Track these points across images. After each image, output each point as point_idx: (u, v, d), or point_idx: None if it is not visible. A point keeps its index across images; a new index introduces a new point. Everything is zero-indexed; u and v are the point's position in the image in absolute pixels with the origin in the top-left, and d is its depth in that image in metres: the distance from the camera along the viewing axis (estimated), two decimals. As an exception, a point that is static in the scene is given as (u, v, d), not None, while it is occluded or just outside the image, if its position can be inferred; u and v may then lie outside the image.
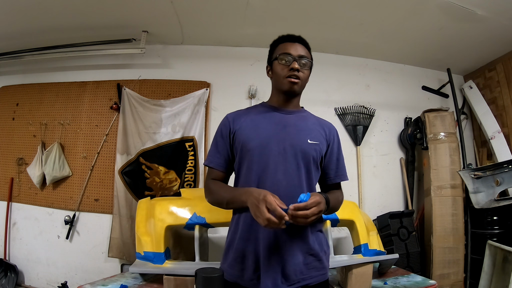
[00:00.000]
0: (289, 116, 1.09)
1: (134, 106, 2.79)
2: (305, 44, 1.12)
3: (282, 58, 1.06)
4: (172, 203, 1.94)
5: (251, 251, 0.98)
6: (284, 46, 1.09)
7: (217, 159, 1.08)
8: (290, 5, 2.34)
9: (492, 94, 3.00)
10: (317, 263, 1.02)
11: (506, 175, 2.32)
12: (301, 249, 0.99)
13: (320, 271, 1.04)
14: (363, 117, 3.03)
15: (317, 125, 1.12)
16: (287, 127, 1.05)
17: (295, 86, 1.05)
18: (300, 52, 1.07)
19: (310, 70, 1.11)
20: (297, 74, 1.04)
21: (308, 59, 1.07)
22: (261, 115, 1.09)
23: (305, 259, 0.99)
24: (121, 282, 1.74)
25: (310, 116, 1.16)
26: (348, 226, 2.17)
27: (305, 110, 1.19)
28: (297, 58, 1.05)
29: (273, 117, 1.08)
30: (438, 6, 2.25)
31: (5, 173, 3.00)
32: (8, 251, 2.87)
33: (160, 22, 2.62)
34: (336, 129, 1.17)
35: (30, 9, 2.37)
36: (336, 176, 1.11)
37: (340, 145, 1.15)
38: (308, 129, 1.08)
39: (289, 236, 0.98)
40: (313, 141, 1.05)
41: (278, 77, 1.07)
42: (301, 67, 1.05)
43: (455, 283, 2.53)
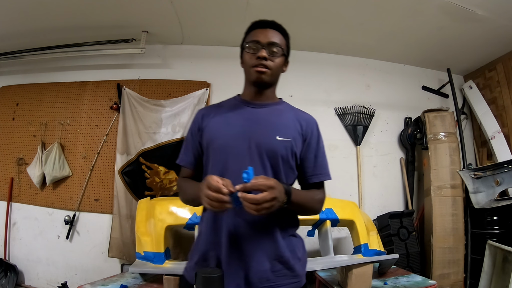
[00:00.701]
0: (261, 110, 1.00)
1: (134, 106, 2.79)
2: (280, 29, 1.00)
3: (250, 47, 0.96)
4: (172, 203, 1.94)
5: (213, 255, 0.91)
6: (254, 33, 0.98)
7: (187, 157, 1.03)
8: (290, 5, 2.34)
9: (492, 94, 3.00)
10: (287, 270, 0.93)
11: (506, 175, 2.32)
12: (269, 256, 0.90)
13: (292, 278, 0.93)
14: (363, 117, 3.03)
15: (293, 119, 1.01)
16: (257, 123, 0.96)
17: (263, 76, 0.95)
18: (270, 38, 0.95)
19: (286, 58, 1.02)
20: (264, 62, 0.93)
21: (279, 46, 0.96)
22: (231, 110, 1.00)
23: (273, 266, 0.90)
24: (121, 282, 1.74)
25: (287, 109, 1.05)
26: (348, 226, 2.17)
27: (283, 101, 1.08)
28: (266, 45, 0.94)
29: (244, 112, 0.99)
30: (438, 6, 2.25)
31: (5, 173, 3.00)
32: (8, 251, 2.87)
33: (160, 22, 2.62)
34: (317, 123, 1.05)
35: (30, 9, 2.37)
36: (313, 175, 1.00)
37: (321, 141, 1.04)
38: (280, 124, 0.98)
39: (256, 241, 0.90)
40: (284, 137, 0.94)
41: (246, 67, 0.98)
42: (270, 54, 0.94)
43: (455, 283, 2.53)
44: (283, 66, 1.02)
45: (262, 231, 0.91)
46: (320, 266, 1.85)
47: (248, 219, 0.89)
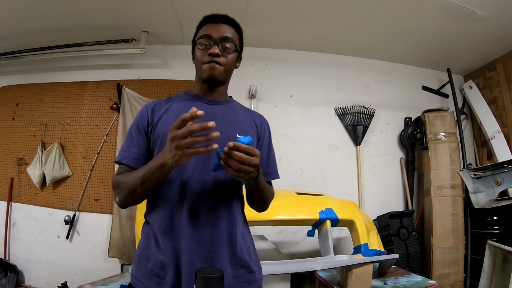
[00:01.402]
0: (217, 107, 0.95)
1: (134, 106, 2.79)
2: (233, 24, 0.97)
3: (201, 43, 0.91)
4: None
5: (171, 263, 0.83)
6: (206, 28, 0.94)
7: (131, 154, 0.90)
8: (290, 5, 2.34)
9: (492, 94, 3.00)
10: (248, 275, 0.90)
11: (506, 175, 2.32)
12: (230, 261, 0.87)
13: (253, 284, 0.90)
14: (363, 117, 3.03)
15: (248, 117, 1.00)
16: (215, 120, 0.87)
17: (215, 72, 0.90)
18: (223, 33, 0.92)
19: (239, 54, 0.98)
20: (216, 59, 0.89)
21: (232, 42, 0.93)
22: (184, 104, 0.93)
23: (234, 272, 0.87)
24: (121, 282, 1.74)
25: (240, 107, 1.03)
26: (348, 226, 2.16)
27: (233, 100, 1.05)
28: (218, 41, 0.90)
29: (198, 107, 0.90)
30: (438, 6, 2.25)
31: (5, 173, 3.00)
32: (8, 251, 2.87)
33: (160, 22, 2.62)
34: (268, 123, 1.04)
35: (30, 9, 2.37)
36: (265, 174, 0.96)
37: (271, 140, 1.02)
38: (239, 122, 0.95)
39: (220, 244, 0.85)
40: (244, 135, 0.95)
41: (197, 63, 0.94)
42: (223, 51, 0.91)
43: (455, 283, 2.53)
44: (236, 62, 0.98)
45: (224, 233, 0.86)
46: (320, 266, 1.85)
47: (208, 221, 0.84)
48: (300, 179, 2.89)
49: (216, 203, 0.86)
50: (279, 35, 2.80)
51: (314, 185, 2.88)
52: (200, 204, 0.84)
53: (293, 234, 2.76)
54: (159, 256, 0.84)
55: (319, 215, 1.98)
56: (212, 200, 0.86)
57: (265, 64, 3.00)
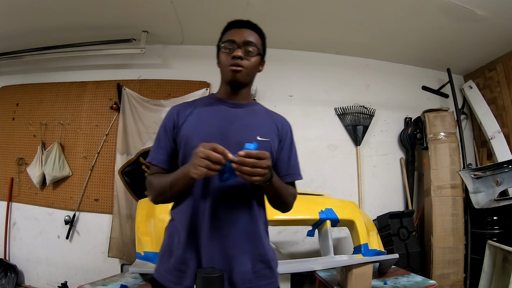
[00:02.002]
0: (238, 110, 0.99)
1: (134, 106, 2.79)
2: (255, 29, 1.00)
3: (225, 46, 0.96)
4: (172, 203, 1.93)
5: (192, 258, 0.88)
6: (229, 33, 0.98)
7: (160, 155, 0.97)
8: (290, 5, 2.34)
9: (492, 94, 3.00)
10: (267, 270, 0.95)
11: (506, 175, 2.32)
12: (251, 256, 0.92)
13: (270, 279, 0.95)
14: (363, 117, 3.03)
15: (269, 120, 1.03)
16: (235, 122, 0.95)
17: (237, 75, 0.94)
18: (246, 37, 0.95)
19: (262, 57, 1.02)
20: (240, 62, 0.93)
21: (255, 46, 0.96)
22: (207, 108, 0.99)
23: (254, 267, 0.92)
24: (121, 282, 1.74)
25: (262, 110, 1.06)
26: (348, 226, 2.17)
27: (256, 103, 1.08)
28: (241, 45, 0.94)
29: (220, 110, 0.98)
30: (438, 6, 2.25)
31: (5, 173, 3.00)
32: (8, 251, 2.87)
33: (160, 22, 2.62)
34: (290, 125, 1.07)
35: (30, 9, 2.37)
36: (287, 175, 1.01)
37: (293, 142, 1.06)
38: (258, 125, 0.98)
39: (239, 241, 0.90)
40: (264, 138, 0.94)
41: (222, 66, 0.98)
42: (246, 54, 0.94)
43: (455, 283, 2.53)
44: (259, 65, 1.02)
45: (244, 230, 0.91)
46: (320, 266, 1.85)
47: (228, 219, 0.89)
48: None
49: (237, 203, 0.90)
50: (279, 35, 2.80)
51: (314, 185, 2.88)
52: (221, 204, 0.89)
53: (293, 234, 2.76)
54: (181, 252, 0.90)
55: (319, 215, 1.98)
56: (233, 200, 0.90)
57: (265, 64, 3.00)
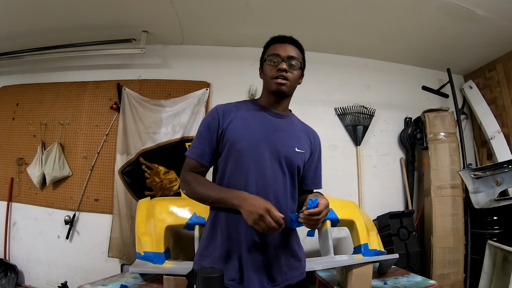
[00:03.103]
0: (280, 120, 1.09)
1: (134, 106, 2.79)
2: (297, 44, 1.11)
3: (271, 59, 1.06)
4: (172, 203, 1.94)
5: (235, 251, 0.98)
6: (274, 47, 1.08)
7: (200, 150, 1.03)
8: (290, 5, 2.34)
9: (492, 94, 3.00)
10: (297, 263, 1.06)
11: (506, 175, 2.32)
12: (284, 251, 1.03)
13: (300, 270, 1.07)
14: (363, 117, 3.02)
15: (304, 132, 1.13)
16: (278, 132, 1.05)
17: (282, 87, 1.04)
18: (289, 52, 1.06)
19: (302, 71, 1.12)
20: (284, 74, 1.03)
21: (298, 60, 1.07)
22: (252, 114, 1.07)
23: (287, 260, 1.03)
24: (121, 282, 1.74)
25: (298, 122, 1.17)
26: (348, 226, 2.17)
27: (293, 114, 1.19)
28: (285, 59, 1.04)
29: (264, 118, 1.08)
30: (438, 6, 2.25)
31: (5, 173, 3.00)
32: (8, 251, 2.87)
33: (160, 22, 2.62)
34: (319, 138, 1.18)
35: (30, 9, 2.37)
36: (312, 183, 1.12)
37: (321, 154, 1.17)
38: (297, 137, 1.09)
39: (275, 238, 1.00)
40: (300, 149, 1.06)
41: (266, 77, 1.08)
42: (289, 67, 1.04)
43: (455, 283, 2.53)
44: (300, 78, 1.12)
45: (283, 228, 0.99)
46: (320, 266, 1.85)
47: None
48: (300, 179, 2.89)
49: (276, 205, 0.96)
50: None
51: (314, 185, 2.88)
52: None
53: (293, 234, 2.76)
54: (225, 245, 0.98)
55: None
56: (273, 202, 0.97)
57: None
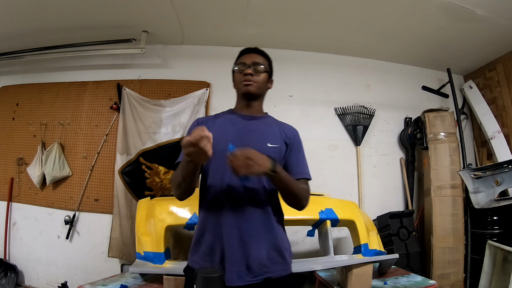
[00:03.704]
0: (253, 122, 1.18)
1: (134, 106, 2.79)
2: (262, 53, 1.22)
3: (238, 68, 1.18)
4: (172, 203, 1.93)
5: (218, 245, 1.06)
6: (241, 58, 1.21)
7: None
8: (290, 5, 2.34)
9: (492, 94, 3.00)
10: (279, 258, 1.10)
11: (506, 175, 2.32)
12: (265, 244, 1.08)
13: (283, 265, 1.10)
14: (363, 117, 3.02)
15: (278, 129, 1.20)
16: (250, 132, 1.14)
17: (249, 87, 1.14)
18: (254, 59, 1.17)
19: (269, 75, 1.21)
20: (250, 78, 1.14)
21: (262, 65, 1.17)
22: (227, 121, 1.19)
23: (268, 254, 1.07)
24: (121, 282, 1.74)
25: (273, 122, 1.25)
26: (348, 226, 2.17)
27: (269, 116, 1.27)
28: (250, 65, 1.15)
29: (238, 123, 1.17)
30: (438, 6, 2.25)
31: (5, 173, 3.00)
32: (8, 251, 2.87)
33: (160, 22, 2.62)
34: (297, 132, 1.25)
35: (30, 9, 2.37)
36: (295, 173, 1.15)
37: (301, 147, 1.22)
38: (269, 134, 1.16)
39: (255, 231, 1.07)
40: (273, 144, 1.13)
41: (236, 84, 1.19)
42: (255, 72, 1.15)
43: (455, 283, 2.53)
44: (268, 82, 1.22)
45: (260, 222, 1.08)
46: (320, 266, 1.85)
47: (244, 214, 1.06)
48: (300, 179, 2.89)
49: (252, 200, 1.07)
50: (279, 35, 2.80)
51: (314, 185, 2.84)
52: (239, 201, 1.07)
53: (293, 234, 2.76)
54: (209, 241, 1.08)
55: (319, 215, 1.98)
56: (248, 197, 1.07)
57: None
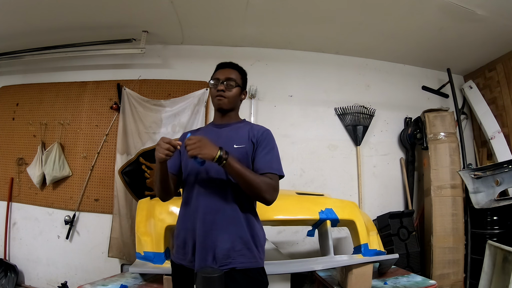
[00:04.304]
0: (223, 129, 1.28)
1: (134, 106, 2.79)
2: (236, 68, 1.31)
3: (212, 83, 1.27)
4: (172, 203, 1.92)
5: (190, 238, 1.16)
6: (215, 73, 1.29)
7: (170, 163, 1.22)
8: (290, 5, 2.34)
9: (492, 94, 3.00)
10: (246, 251, 1.15)
11: (506, 175, 2.32)
12: (231, 236, 1.14)
13: (250, 258, 1.15)
14: (363, 117, 3.02)
15: (247, 131, 1.26)
16: (220, 138, 1.21)
17: (221, 103, 1.25)
18: (227, 75, 1.26)
19: (242, 88, 1.30)
20: (222, 93, 1.23)
21: (234, 80, 1.26)
22: (205, 131, 1.29)
23: (234, 246, 1.13)
24: (121, 282, 1.74)
25: (244, 126, 1.30)
26: (348, 226, 2.17)
27: (243, 121, 1.35)
28: (223, 81, 1.24)
29: (211, 132, 1.27)
30: (438, 6, 2.25)
31: (5, 173, 3.00)
32: (8, 251, 2.87)
33: (160, 22, 2.62)
34: (268, 131, 1.28)
35: (30, 9, 2.37)
36: (262, 167, 1.19)
37: (269, 144, 1.25)
38: (237, 137, 1.24)
39: (222, 224, 1.14)
40: (239, 145, 1.21)
41: (211, 97, 1.29)
42: (226, 87, 1.24)
43: (455, 283, 2.53)
44: (241, 95, 1.31)
45: (227, 216, 1.15)
46: (320, 266, 1.85)
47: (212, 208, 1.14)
48: (300, 179, 2.89)
49: (219, 195, 1.16)
50: (279, 35, 2.80)
51: (314, 185, 2.88)
52: (207, 197, 1.15)
53: (293, 234, 2.76)
54: (182, 235, 1.19)
55: (319, 215, 1.98)
56: (215, 193, 1.16)
57: (265, 64, 3.00)
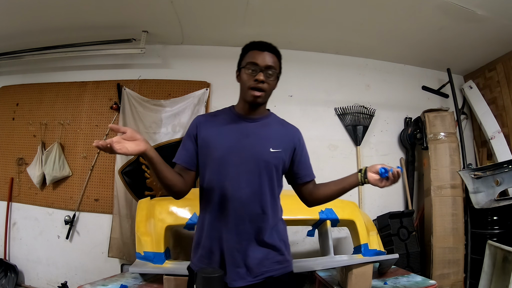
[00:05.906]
0: (252, 124, 1.12)
1: (134, 106, 2.79)
2: (275, 52, 1.11)
3: (249, 68, 1.07)
4: (172, 203, 1.93)
5: (217, 248, 1.06)
6: (252, 54, 1.09)
7: (183, 156, 1.11)
8: (290, 5, 2.34)
9: (492, 94, 3.00)
10: (279, 257, 1.10)
11: (506, 175, 2.32)
12: (261, 245, 1.07)
13: (283, 264, 1.10)
14: (363, 117, 3.02)
15: (280, 130, 1.16)
16: (249, 136, 1.09)
17: (258, 99, 1.07)
18: (267, 62, 1.07)
19: (277, 79, 1.13)
20: (261, 86, 1.05)
21: (274, 70, 1.08)
22: (226, 123, 1.13)
23: (267, 254, 1.08)
24: (121, 282, 1.74)
25: (274, 121, 1.18)
26: (348, 226, 2.17)
27: (270, 113, 1.21)
28: (263, 69, 1.06)
29: (236, 125, 1.11)
30: (438, 6, 2.25)
31: (5, 173, 3.00)
32: (8, 251, 2.87)
33: (160, 22, 2.62)
34: (300, 132, 1.21)
35: (30, 9, 2.37)
36: (306, 175, 1.17)
37: (305, 147, 1.20)
38: (270, 137, 1.11)
39: (251, 233, 1.06)
40: (276, 149, 1.09)
41: (243, 85, 1.09)
42: (266, 77, 1.06)
43: (455, 283, 2.53)
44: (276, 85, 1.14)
45: (258, 223, 1.07)
46: (320, 266, 1.85)
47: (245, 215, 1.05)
48: (300, 179, 2.89)
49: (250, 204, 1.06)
50: (279, 35, 2.80)
51: (314, 185, 2.88)
52: (237, 205, 1.05)
53: (293, 234, 2.76)
54: (208, 243, 1.08)
55: (319, 215, 1.98)
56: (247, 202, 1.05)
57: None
